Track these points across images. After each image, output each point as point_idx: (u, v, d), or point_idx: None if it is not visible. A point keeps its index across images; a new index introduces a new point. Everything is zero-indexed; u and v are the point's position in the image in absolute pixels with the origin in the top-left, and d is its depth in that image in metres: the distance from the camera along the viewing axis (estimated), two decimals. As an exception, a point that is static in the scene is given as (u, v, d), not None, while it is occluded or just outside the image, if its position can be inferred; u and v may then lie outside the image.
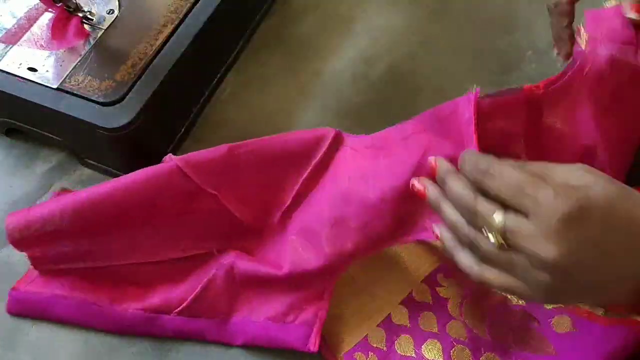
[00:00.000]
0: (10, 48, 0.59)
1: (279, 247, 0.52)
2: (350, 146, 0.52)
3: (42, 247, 0.51)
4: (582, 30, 0.48)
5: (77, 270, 0.52)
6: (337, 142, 0.52)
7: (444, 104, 0.47)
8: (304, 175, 0.52)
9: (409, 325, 0.51)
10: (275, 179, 0.52)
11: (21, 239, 0.51)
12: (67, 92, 0.56)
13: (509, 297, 0.50)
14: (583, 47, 0.47)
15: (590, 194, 0.34)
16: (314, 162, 0.52)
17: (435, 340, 0.50)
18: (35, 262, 0.52)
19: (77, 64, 0.58)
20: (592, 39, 0.47)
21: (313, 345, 0.49)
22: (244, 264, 0.51)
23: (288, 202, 0.52)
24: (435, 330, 0.50)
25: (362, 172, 0.50)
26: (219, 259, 0.52)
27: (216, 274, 0.51)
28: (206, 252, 0.53)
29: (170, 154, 0.55)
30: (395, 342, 0.50)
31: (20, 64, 0.58)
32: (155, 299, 0.52)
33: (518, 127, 0.47)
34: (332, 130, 0.52)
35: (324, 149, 0.52)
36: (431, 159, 0.44)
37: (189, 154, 0.52)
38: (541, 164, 0.38)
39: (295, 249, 0.50)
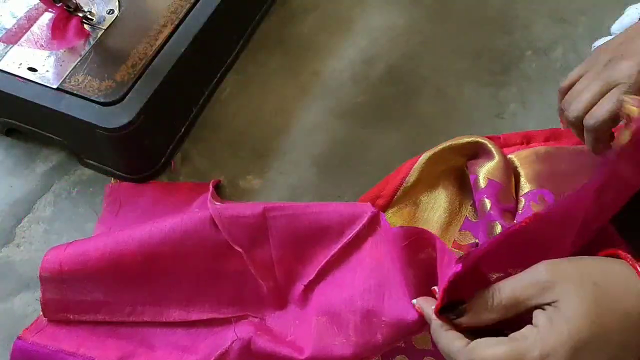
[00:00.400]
0: (10, 48, 0.59)
1: (299, 324, 0.50)
2: (384, 231, 0.50)
3: (63, 288, 0.50)
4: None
5: (87, 324, 0.51)
6: (373, 224, 0.50)
7: (445, 250, 0.43)
8: (333, 251, 0.50)
9: None
10: (303, 249, 0.51)
11: (50, 278, 0.50)
12: (67, 92, 0.56)
13: None
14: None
15: (575, 336, 0.34)
16: (345, 239, 0.50)
17: (404, 356, 0.49)
18: (47, 308, 0.51)
19: (77, 64, 0.58)
20: None
21: None
22: (263, 342, 0.48)
23: (312, 276, 0.50)
24: (402, 345, 0.49)
25: (395, 267, 0.47)
26: (236, 328, 0.50)
27: (231, 347, 0.48)
28: (223, 319, 0.51)
29: (213, 185, 0.55)
30: None
31: (20, 64, 0.58)
32: None
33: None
34: (369, 209, 0.50)
35: (357, 228, 0.50)
36: (414, 303, 0.43)
37: (225, 204, 0.52)
38: (511, 297, 0.37)
39: (320, 332, 0.48)
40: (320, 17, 0.72)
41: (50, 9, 0.60)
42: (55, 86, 0.56)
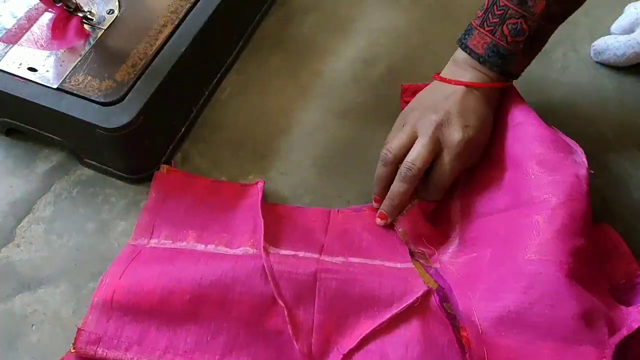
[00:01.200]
0: (10, 48, 0.59)
1: None
2: (437, 311, 0.50)
3: (106, 318, 0.49)
4: None
5: None
6: (426, 300, 0.50)
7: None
8: (379, 322, 0.49)
9: None
10: (347, 316, 0.50)
11: (101, 304, 0.49)
12: (67, 92, 0.56)
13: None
14: None
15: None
16: (394, 311, 0.49)
17: None
18: (80, 335, 0.49)
19: (77, 64, 0.58)
20: None
21: None
22: None
23: (352, 345, 0.49)
24: None
25: (452, 347, 0.48)
26: None
27: None
28: None
29: (263, 230, 0.53)
30: None
31: (20, 64, 0.58)
32: None
33: None
34: (423, 286, 0.50)
35: (408, 301, 0.49)
36: None
37: (281, 254, 0.52)
38: None
39: None
40: (320, 17, 0.72)
41: (50, 9, 0.60)
42: (55, 86, 0.56)
